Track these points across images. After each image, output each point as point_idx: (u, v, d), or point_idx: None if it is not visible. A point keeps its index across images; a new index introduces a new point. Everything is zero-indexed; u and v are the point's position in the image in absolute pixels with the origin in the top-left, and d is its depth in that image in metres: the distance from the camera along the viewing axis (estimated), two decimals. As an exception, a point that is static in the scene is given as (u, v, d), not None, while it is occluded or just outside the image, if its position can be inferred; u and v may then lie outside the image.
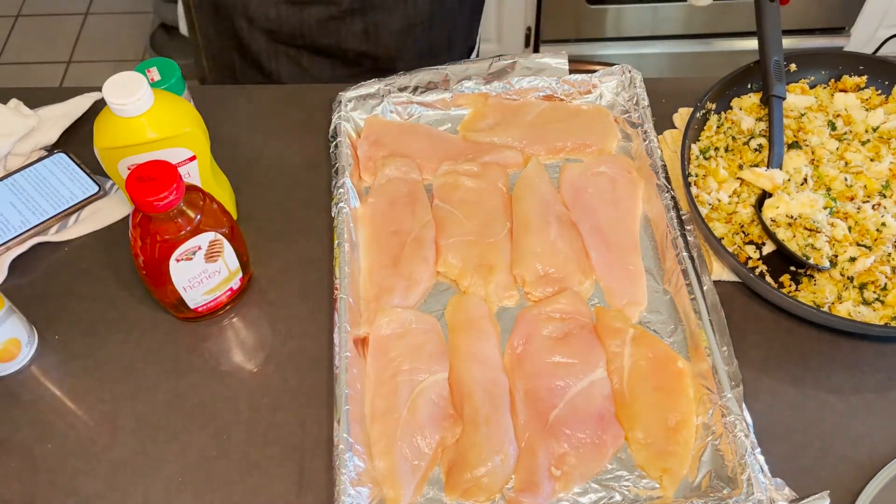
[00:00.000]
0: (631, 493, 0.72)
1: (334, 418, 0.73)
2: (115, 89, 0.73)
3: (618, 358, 0.79)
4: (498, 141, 0.96)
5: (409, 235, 0.87)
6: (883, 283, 0.81)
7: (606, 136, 0.96)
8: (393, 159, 0.93)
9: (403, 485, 0.71)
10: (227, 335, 0.84)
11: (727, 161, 0.92)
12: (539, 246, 0.85)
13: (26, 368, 0.81)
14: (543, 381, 0.77)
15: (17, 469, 0.75)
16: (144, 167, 0.70)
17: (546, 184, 0.91)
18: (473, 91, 0.98)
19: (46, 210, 0.90)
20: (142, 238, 0.73)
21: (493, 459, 0.72)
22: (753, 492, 0.68)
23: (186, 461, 0.75)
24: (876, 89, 0.96)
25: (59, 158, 0.95)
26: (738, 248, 0.86)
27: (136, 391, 0.79)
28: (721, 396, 0.73)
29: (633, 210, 0.90)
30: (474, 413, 0.75)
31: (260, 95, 1.04)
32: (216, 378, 0.80)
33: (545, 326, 0.81)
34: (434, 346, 0.80)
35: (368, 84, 0.97)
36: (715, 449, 0.73)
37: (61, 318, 0.84)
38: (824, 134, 0.92)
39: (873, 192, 0.87)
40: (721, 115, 0.96)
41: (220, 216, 0.77)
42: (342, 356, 0.76)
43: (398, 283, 0.83)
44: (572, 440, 0.74)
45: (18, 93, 1.01)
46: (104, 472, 0.75)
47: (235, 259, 0.81)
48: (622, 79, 0.98)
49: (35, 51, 2.69)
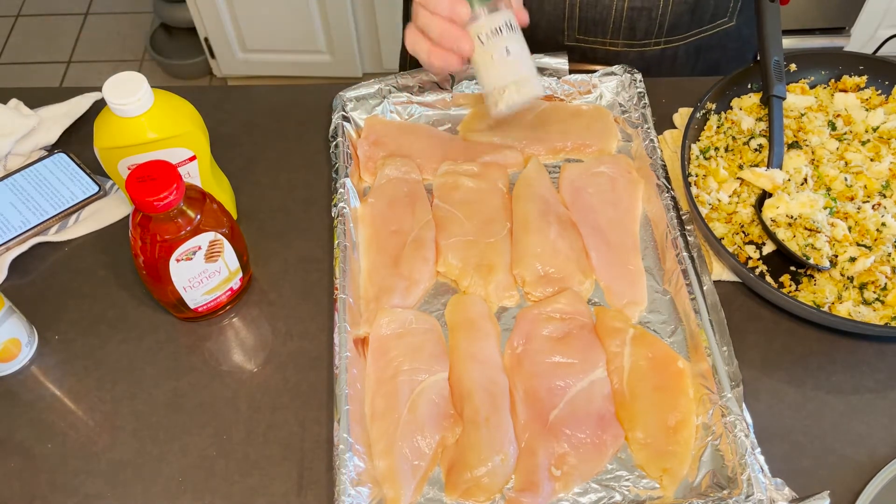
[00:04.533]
0: (631, 493, 0.72)
1: (334, 418, 0.73)
2: (115, 89, 0.73)
3: (618, 358, 0.79)
4: (498, 141, 0.96)
5: (409, 235, 0.87)
6: (883, 283, 0.81)
7: (606, 136, 0.96)
8: (393, 159, 0.93)
9: (403, 485, 0.71)
10: (227, 335, 0.84)
11: (727, 161, 0.92)
12: (539, 246, 0.85)
13: (26, 368, 0.81)
14: (543, 381, 0.77)
15: (17, 469, 0.75)
16: (144, 167, 0.70)
17: (546, 184, 0.91)
18: (473, 91, 0.98)
19: (46, 210, 0.90)
20: (142, 238, 0.73)
21: (493, 459, 0.72)
22: (753, 492, 0.68)
23: (186, 461, 0.75)
24: (876, 89, 0.96)
25: (59, 158, 0.95)
26: (738, 248, 0.86)
27: (136, 391, 0.79)
28: (721, 396, 0.73)
29: (633, 210, 0.90)
30: (474, 413, 0.75)
31: (260, 95, 1.04)
32: (216, 378, 0.80)
33: (545, 326, 0.81)
34: (434, 346, 0.80)
35: (368, 84, 0.97)
36: (715, 449, 0.73)
37: (61, 318, 0.84)
38: (824, 134, 0.92)
39: (873, 192, 0.87)
40: (721, 115, 0.96)
41: (220, 216, 0.77)
42: (342, 356, 0.76)
43: (398, 283, 0.83)
44: (572, 440, 0.74)
45: (18, 93, 1.01)
46: (104, 472, 0.75)
47: (235, 259, 0.81)
48: (622, 79, 0.98)
49: (35, 51, 2.69)
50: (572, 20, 0.99)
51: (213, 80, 2.57)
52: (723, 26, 1.04)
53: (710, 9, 1.01)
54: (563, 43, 1.04)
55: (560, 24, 1.01)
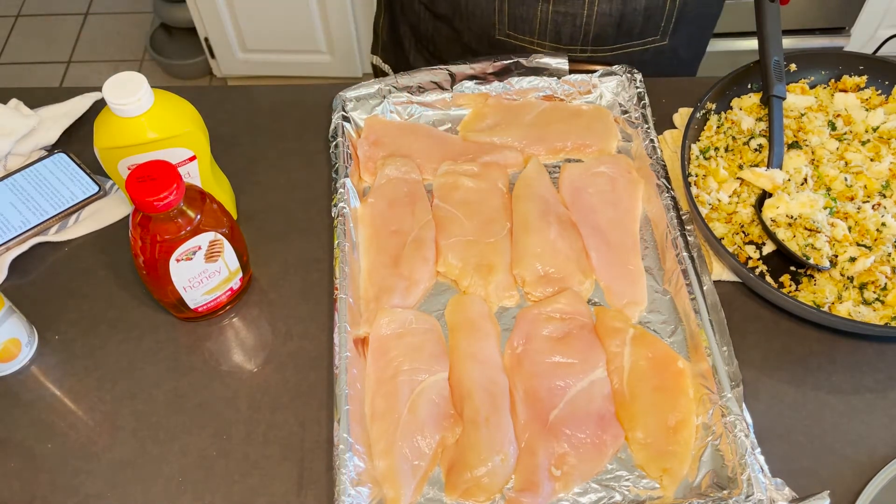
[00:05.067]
0: (631, 493, 0.72)
1: (334, 418, 0.73)
2: (115, 89, 0.73)
3: (618, 358, 0.79)
4: (498, 141, 0.96)
5: (409, 235, 0.87)
6: (883, 283, 0.81)
7: (606, 136, 0.96)
8: (393, 159, 0.93)
9: (403, 485, 0.71)
10: (227, 335, 0.84)
11: (727, 161, 0.92)
12: (539, 246, 0.85)
13: (26, 368, 0.81)
14: (543, 381, 0.77)
15: (17, 469, 0.75)
16: (144, 167, 0.70)
17: (546, 184, 0.91)
18: (473, 91, 0.98)
19: (46, 210, 0.90)
20: (142, 238, 0.73)
21: (493, 459, 0.72)
22: (753, 492, 0.68)
23: (186, 461, 0.75)
24: (876, 89, 0.96)
25: (59, 158, 0.95)
26: (738, 248, 0.86)
27: (136, 391, 0.79)
28: (721, 396, 0.73)
29: (633, 210, 0.90)
30: (474, 413, 0.75)
31: (260, 95, 1.04)
32: (216, 378, 0.80)
33: (545, 326, 0.81)
34: (434, 346, 0.80)
35: (368, 84, 0.97)
36: (715, 449, 0.73)
37: (61, 318, 0.84)
38: (824, 134, 0.92)
39: (873, 192, 0.87)
40: (721, 115, 0.96)
41: (220, 216, 0.77)
42: (342, 356, 0.76)
43: (398, 283, 0.83)
44: (572, 440, 0.74)
45: (18, 93, 1.01)
46: (104, 472, 0.75)
47: (235, 259, 0.81)
48: (622, 79, 0.98)
49: (35, 51, 2.69)
50: (502, 14, 1.00)
51: (213, 80, 2.57)
52: (654, 43, 1.04)
53: (638, 24, 1.01)
54: (495, 37, 1.05)
55: (492, 16, 1.02)
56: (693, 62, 1.17)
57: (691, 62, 1.15)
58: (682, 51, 1.08)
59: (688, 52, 1.10)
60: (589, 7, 0.97)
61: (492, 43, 1.05)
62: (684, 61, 1.10)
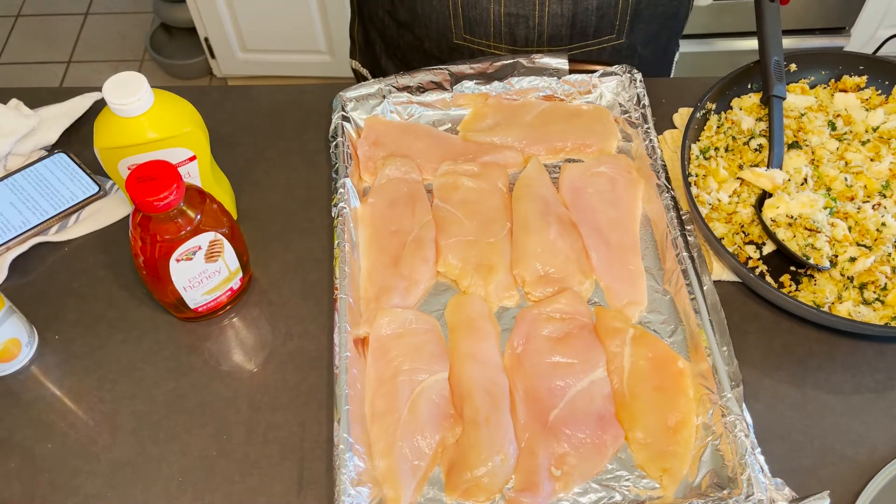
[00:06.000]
0: (631, 493, 0.72)
1: (334, 418, 0.73)
2: (115, 89, 0.73)
3: (618, 358, 0.79)
4: (498, 141, 0.96)
5: (409, 235, 0.87)
6: (883, 283, 0.81)
7: (606, 136, 0.96)
8: (393, 159, 0.93)
9: (403, 485, 0.71)
10: (227, 335, 0.84)
11: (727, 161, 0.92)
12: (539, 246, 0.85)
13: (26, 368, 0.81)
14: (543, 381, 0.77)
15: (17, 469, 0.75)
16: (144, 167, 0.70)
17: (546, 184, 0.91)
18: (473, 91, 0.98)
19: (46, 210, 0.90)
20: (142, 238, 0.73)
21: (493, 459, 0.72)
22: (753, 492, 0.68)
23: (186, 461, 0.75)
24: (876, 89, 0.96)
25: (59, 158, 0.95)
26: (738, 248, 0.86)
27: (136, 391, 0.79)
28: (721, 396, 0.73)
29: (633, 210, 0.90)
30: (474, 413, 0.75)
31: (260, 95, 1.04)
32: (216, 378, 0.80)
33: (545, 326, 0.81)
34: (434, 346, 0.80)
35: (368, 84, 0.97)
36: (715, 449, 0.73)
37: (61, 318, 0.84)
38: (824, 134, 0.92)
39: (873, 192, 0.87)
40: (721, 115, 0.96)
41: (220, 216, 0.77)
42: (342, 356, 0.76)
43: (398, 283, 0.83)
44: (572, 440, 0.74)
45: (18, 93, 1.01)
46: (104, 472, 0.75)
47: (235, 259, 0.81)
48: (622, 79, 0.98)
49: (35, 51, 2.69)
50: (457, 18, 1.00)
51: (213, 80, 2.57)
52: (610, 42, 1.04)
53: (592, 24, 1.01)
54: (452, 41, 1.04)
55: (447, 21, 1.02)
56: (661, 61, 1.15)
57: (658, 61, 1.13)
58: (643, 49, 1.08)
59: (649, 50, 1.09)
60: (540, 8, 0.97)
61: (450, 47, 1.05)
62: (648, 60, 1.09)
